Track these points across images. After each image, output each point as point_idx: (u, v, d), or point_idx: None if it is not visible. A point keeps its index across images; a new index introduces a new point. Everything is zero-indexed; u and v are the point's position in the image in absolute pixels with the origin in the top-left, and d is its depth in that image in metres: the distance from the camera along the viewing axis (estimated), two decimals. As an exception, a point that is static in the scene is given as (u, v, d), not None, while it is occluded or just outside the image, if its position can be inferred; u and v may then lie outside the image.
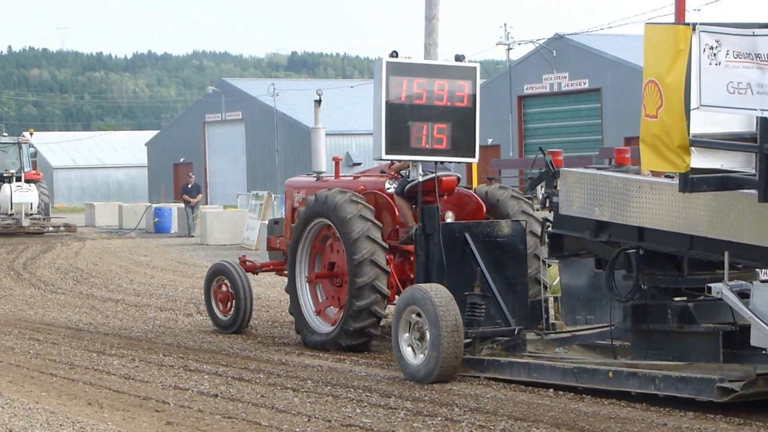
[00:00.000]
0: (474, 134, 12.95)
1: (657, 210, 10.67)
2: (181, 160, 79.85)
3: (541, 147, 13.35)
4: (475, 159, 13.19)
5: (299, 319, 14.49)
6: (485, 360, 11.86)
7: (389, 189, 14.27)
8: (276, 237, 16.39)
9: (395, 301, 12.95)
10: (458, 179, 14.03)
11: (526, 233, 13.24)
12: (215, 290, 16.16)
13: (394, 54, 12.65)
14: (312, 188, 15.21)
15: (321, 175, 15.80)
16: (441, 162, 13.29)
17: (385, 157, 12.77)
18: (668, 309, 10.88)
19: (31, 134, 46.05)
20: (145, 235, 42.19)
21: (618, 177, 11.28)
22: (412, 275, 13.63)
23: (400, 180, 14.07)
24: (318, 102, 16.14)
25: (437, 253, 12.60)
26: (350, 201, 13.69)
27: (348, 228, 13.54)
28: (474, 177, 31.68)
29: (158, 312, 18.74)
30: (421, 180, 13.12)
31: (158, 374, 12.63)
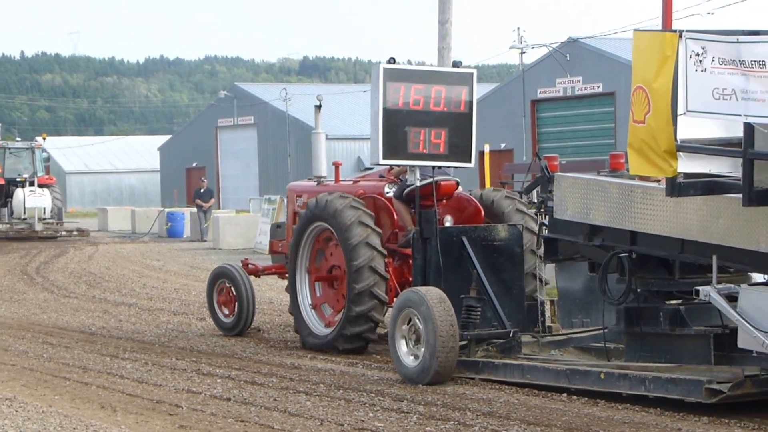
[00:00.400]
0: (471, 139, 13.13)
1: (649, 214, 10.81)
2: (194, 165, 79.98)
3: (537, 152, 13.49)
4: (472, 164, 13.37)
5: (298, 320, 14.66)
6: (480, 362, 12.02)
7: (388, 193, 14.42)
8: (278, 241, 16.54)
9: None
10: (457, 183, 14.20)
11: (523, 236, 13.35)
12: (218, 293, 16.31)
13: (392, 60, 12.85)
14: (313, 192, 15.32)
15: (321, 180, 15.94)
16: (438, 167, 13.40)
17: (383, 162, 12.97)
18: (660, 312, 11.04)
19: (44, 139, 46.12)
20: (158, 240, 42.32)
21: (611, 182, 11.46)
22: (411, 278, 13.72)
23: (399, 184, 14.21)
24: (318, 107, 16.30)
25: (434, 257, 12.77)
26: (350, 207, 13.80)
27: (347, 234, 13.67)
28: (486, 181, 31.67)
29: (171, 316, 18.78)
30: (419, 185, 13.23)
31: (171, 378, 12.65)
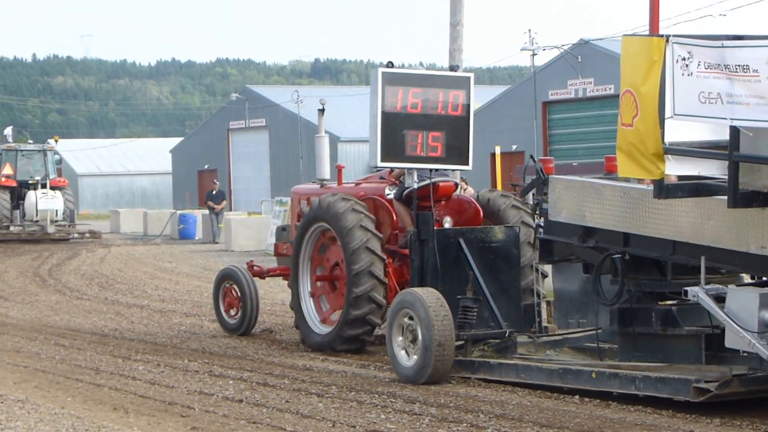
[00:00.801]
0: (468, 142, 13.32)
1: (641, 216, 10.91)
2: (206, 167, 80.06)
3: (532, 155, 13.77)
4: (469, 167, 13.55)
5: (299, 318, 14.82)
6: (476, 361, 12.18)
7: (389, 195, 14.56)
8: (283, 243, 16.67)
9: (392, 305, 13.22)
10: (456, 185, 14.37)
11: (520, 239, 13.49)
12: (223, 294, 16.48)
13: (390, 64, 13.05)
14: (316, 195, 15.47)
15: (324, 182, 16.11)
16: (436, 169, 13.55)
17: (381, 165, 13.18)
18: (653, 312, 11.18)
19: (56, 141, 46.15)
20: (170, 242, 42.33)
21: (604, 184, 11.56)
22: None
23: (399, 186, 14.35)
24: (321, 111, 16.48)
25: (431, 258, 12.89)
26: (352, 210, 13.93)
27: (348, 238, 13.80)
28: (498, 183, 31.65)
29: (183, 318, 18.80)
30: (416, 187, 13.39)
31: (183, 379, 12.66)
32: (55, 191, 42.65)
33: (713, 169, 9.93)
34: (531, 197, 13.16)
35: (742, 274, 11.02)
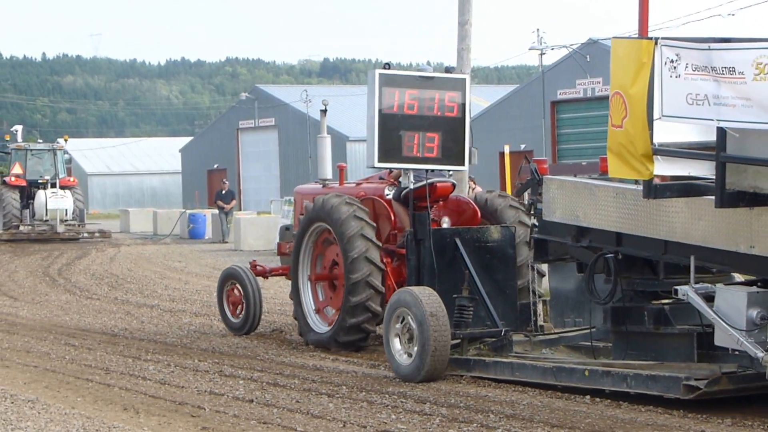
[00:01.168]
0: (464, 143, 13.45)
1: (634, 216, 11.01)
2: (215, 167, 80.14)
3: (527, 156, 13.97)
4: (465, 167, 13.78)
5: (301, 320, 14.96)
6: (472, 360, 12.33)
7: (388, 195, 14.74)
8: (286, 242, 16.72)
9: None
10: (453, 185, 14.49)
11: (517, 239, 13.65)
12: (227, 294, 16.60)
13: (387, 66, 13.27)
14: (318, 195, 15.49)
15: (326, 183, 16.27)
16: (432, 170, 13.71)
17: (378, 165, 13.28)
18: (645, 311, 11.27)
19: (66, 141, 46.16)
20: (180, 241, 42.36)
21: (597, 184, 11.64)
22: None
23: (398, 186, 14.51)
24: (324, 111, 16.71)
25: (428, 258, 13.04)
26: (345, 203, 14.18)
27: (343, 228, 14.00)
28: (507, 183, 31.67)
29: (193, 317, 18.81)
30: (412, 187, 13.56)
31: (193, 379, 12.67)
32: (65, 191, 42.64)
33: (703, 170, 10.01)
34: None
35: (734, 274, 11.12)
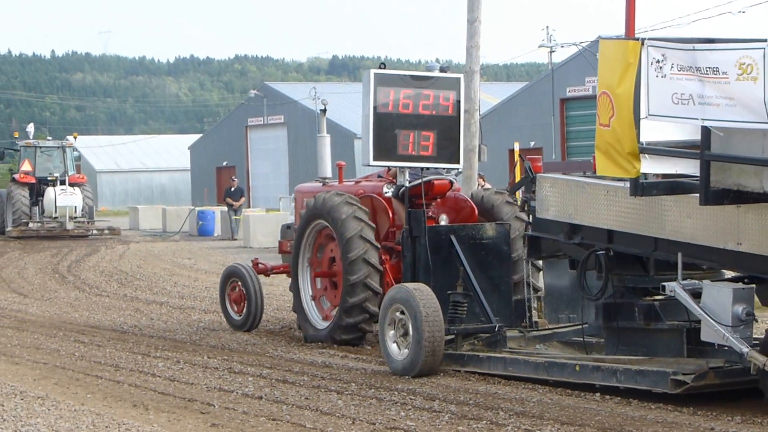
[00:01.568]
0: (458, 141, 13.73)
1: (625, 214, 11.18)
2: (224, 164, 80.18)
3: (521, 154, 14.02)
4: (459, 165, 14.05)
5: (300, 314, 15.09)
6: (465, 355, 12.53)
7: (387, 193, 14.87)
8: (288, 240, 16.75)
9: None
10: (450, 183, 14.63)
11: (513, 235, 13.81)
12: (229, 291, 16.74)
13: (382, 66, 13.54)
14: (318, 193, 15.52)
15: (326, 181, 16.42)
16: (427, 168, 13.90)
17: (373, 164, 13.50)
18: (636, 307, 11.43)
19: (75, 138, 46.24)
20: (189, 238, 42.40)
21: (589, 182, 11.78)
22: None
23: (396, 184, 14.60)
24: (323, 111, 17.00)
25: (423, 254, 13.17)
26: (346, 203, 14.30)
27: (343, 228, 14.14)
28: (517, 179, 31.57)
29: (202, 314, 18.84)
30: (409, 186, 13.74)
31: (203, 376, 12.68)
32: (74, 188, 42.71)
33: (689, 168, 10.15)
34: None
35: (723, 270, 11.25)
